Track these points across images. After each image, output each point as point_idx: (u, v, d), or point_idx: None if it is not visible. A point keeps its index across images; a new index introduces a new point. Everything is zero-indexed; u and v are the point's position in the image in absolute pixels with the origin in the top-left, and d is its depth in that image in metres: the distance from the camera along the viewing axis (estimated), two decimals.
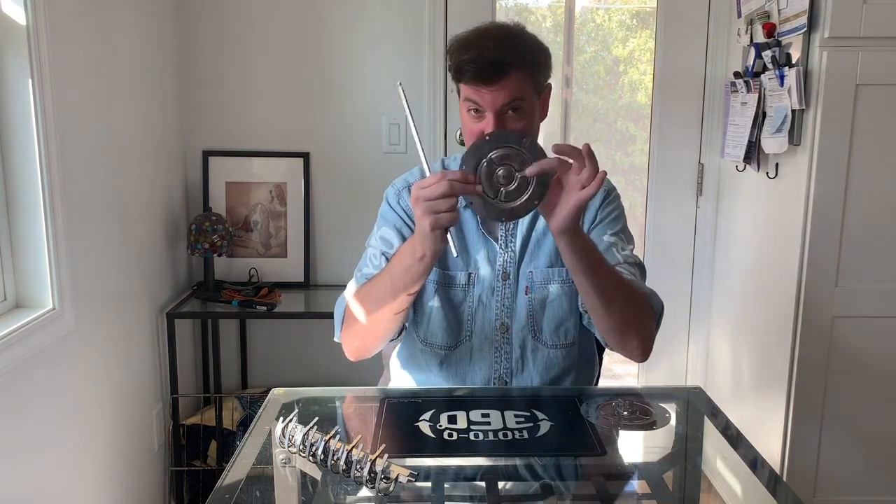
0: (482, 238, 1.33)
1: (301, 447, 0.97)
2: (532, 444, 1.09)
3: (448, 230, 1.10)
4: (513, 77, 1.17)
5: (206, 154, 2.40)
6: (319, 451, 0.95)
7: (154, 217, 2.19)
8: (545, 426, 1.14)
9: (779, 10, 1.87)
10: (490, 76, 1.17)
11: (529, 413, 1.18)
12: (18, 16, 1.48)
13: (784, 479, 1.12)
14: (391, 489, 0.92)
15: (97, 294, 1.80)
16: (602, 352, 1.51)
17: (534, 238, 1.34)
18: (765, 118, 1.96)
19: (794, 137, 1.83)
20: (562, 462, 1.09)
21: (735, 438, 1.14)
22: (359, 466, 0.92)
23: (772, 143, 1.92)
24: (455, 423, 1.14)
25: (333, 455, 0.94)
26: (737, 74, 2.11)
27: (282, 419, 1.00)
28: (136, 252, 2.06)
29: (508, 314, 1.33)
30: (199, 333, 2.49)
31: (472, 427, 1.13)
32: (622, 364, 3.06)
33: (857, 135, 1.76)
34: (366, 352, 1.32)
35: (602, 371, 1.54)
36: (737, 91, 2.11)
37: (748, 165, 2.10)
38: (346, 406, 1.33)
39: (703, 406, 1.27)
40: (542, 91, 1.26)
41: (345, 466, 0.93)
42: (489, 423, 1.14)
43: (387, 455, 0.93)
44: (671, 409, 1.24)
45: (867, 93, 1.74)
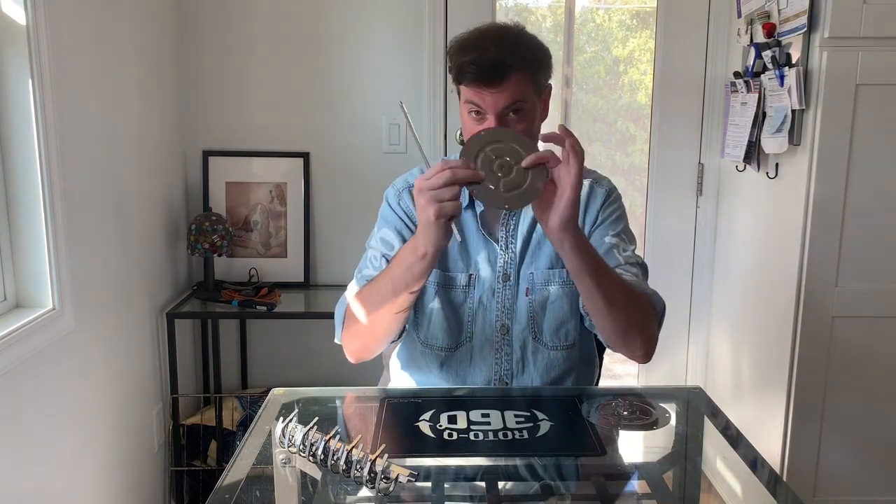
0: (483, 239, 1.33)
1: (301, 447, 0.97)
2: (532, 444, 1.09)
3: (452, 219, 1.10)
4: (514, 78, 1.17)
5: (206, 154, 2.40)
6: (319, 451, 0.95)
7: (154, 217, 2.19)
8: (545, 426, 1.14)
9: (779, 10, 1.87)
10: (491, 78, 1.17)
11: (529, 413, 1.18)
12: (18, 16, 1.48)
13: (784, 479, 1.12)
14: (391, 489, 0.92)
15: (97, 294, 1.80)
16: (602, 353, 1.51)
17: (534, 239, 1.33)
18: (765, 118, 1.96)
19: (794, 137, 1.83)
20: (562, 462, 1.09)
21: (735, 438, 1.14)
22: (359, 466, 0.92)
23: (772, 143, 1.92)
24: (455, 423, 1.14)
25: (333, 455, 0.94)
26: (737, 74, 2.11)
27: (282, 419, 1.00)
28: (136, 252, 2.06)
29: (509, 315, 1.33)
30: (199, 333, 2.49)
31: (472, 427, 1.13)
32: (622, 364, 3.06)
33: (857, 135, 1.76)
34: (367, 353, 1.31)
35: (602, 371, 1.54)
36: (737, 91, 2.11)
37: (748, 165, 2.10)
38: (346, 406, 1.33)
39: (703, 406, 1.27)
40: (543, 92, 1.26)
41: (345, 466, 0.93)
42: (489, 423, 1.14)
43: (387, 455, 0.93)
44: (671, 409, 1.24)
45: (867, 93, 1.74)
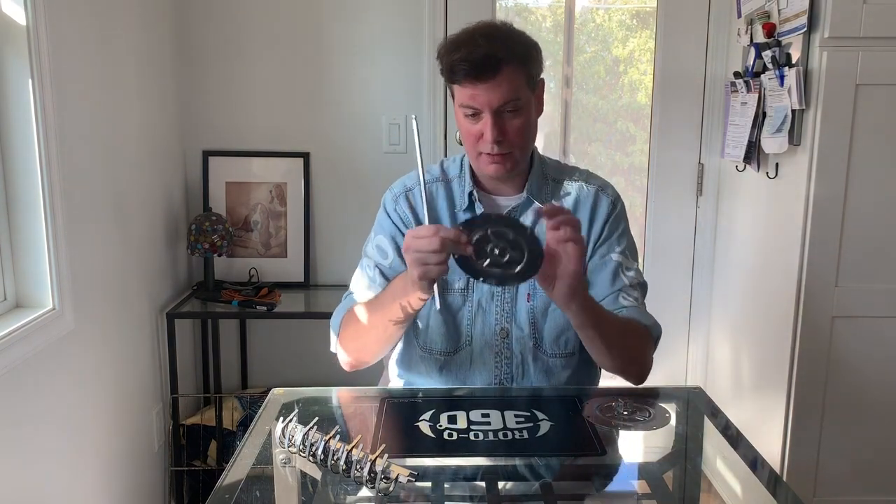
0: None
1: (301, 447, 0.97)
2: (532, 444, 1.09)
3: (435, 281, 1.13)
4: (506, 72, 1.17)
5: (206, 154, 2.40)
6: (319, 451, 0.95)
7: (154, 217, 2.19)
8: (545, 426, 1.14)
9: (779, 10, 1.87)
10: (483, 72, 1.17)
11: (529, 413, 1.18)
12: (18, 16, 1.48)
13: (784, 479, 1.12)
14: (391, 489, 0.91)
15: (97, 294, 1.80)
16: None
17: None
18: (765, 118, 1.96)
19: (794, 137, 1.83)
20: (562, 462, 1.09)
21: (735, 438, 1.14)
22: (359, 466, 0.92)
23: (772, 143, 1.91)
24: (455, 423, 1.14)
25: (333, 455, 0.93)
26: (737, 74, 2.11)
27: (282, 419, 1.00)
28: (136, 252, 2.06)
29: (509, 319, 1.33)
30: (199, 333, 2.49)
31: (472, 427, 1.13)
32: None
33: (857, 135, 1.76)
34: (361, 365, 1.34)
35: (602, 371, 1.54)
36: (737, 91, 2.11)
37: (748, 165, 2.10)
38: (346, 406, 1.33)
39: (703, 406, 1.27)
40: (536, 86, 1.26)
41: (345, 466, 0.93)
42: (489, 423, 1.14)
43: (387, 455, 0.93)
44: (671, 409, 1.24)
45: (867, 93, 1.74)
